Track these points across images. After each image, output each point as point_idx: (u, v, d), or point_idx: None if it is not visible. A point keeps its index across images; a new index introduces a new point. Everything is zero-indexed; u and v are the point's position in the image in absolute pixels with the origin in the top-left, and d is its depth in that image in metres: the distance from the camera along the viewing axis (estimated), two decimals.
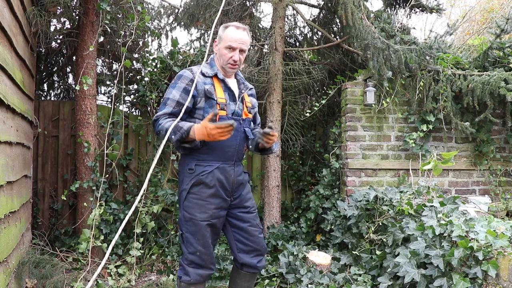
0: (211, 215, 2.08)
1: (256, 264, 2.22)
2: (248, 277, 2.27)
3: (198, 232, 2.07)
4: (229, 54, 2.11)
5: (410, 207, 2.91)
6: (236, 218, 2.20)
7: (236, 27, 2.13)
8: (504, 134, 3.99)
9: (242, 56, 2.14)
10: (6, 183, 2.33)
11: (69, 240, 3.70)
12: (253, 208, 2.26)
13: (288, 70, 4.05)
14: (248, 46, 2.18)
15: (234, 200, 2.19)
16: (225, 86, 2.15)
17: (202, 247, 2.08)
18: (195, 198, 2.08)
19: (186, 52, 4.18)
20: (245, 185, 2.25)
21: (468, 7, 7.26)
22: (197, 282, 2.09)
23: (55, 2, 3.13)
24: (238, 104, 2.16)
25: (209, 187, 2.08)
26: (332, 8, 4.16)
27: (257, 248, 2.22)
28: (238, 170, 2.18)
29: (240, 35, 2.11)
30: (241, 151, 2.18)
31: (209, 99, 2.07)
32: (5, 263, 2.31)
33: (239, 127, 2.12)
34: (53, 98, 4.52)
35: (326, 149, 4.30)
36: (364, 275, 2.88)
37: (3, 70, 2.31)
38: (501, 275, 2.08)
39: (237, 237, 2.21)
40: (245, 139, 2.18)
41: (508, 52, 3.77)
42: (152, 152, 4.07)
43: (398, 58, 3.49)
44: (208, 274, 2.11)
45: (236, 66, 2.15)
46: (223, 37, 2.14)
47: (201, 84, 2.08)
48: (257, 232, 2.23)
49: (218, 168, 2.09)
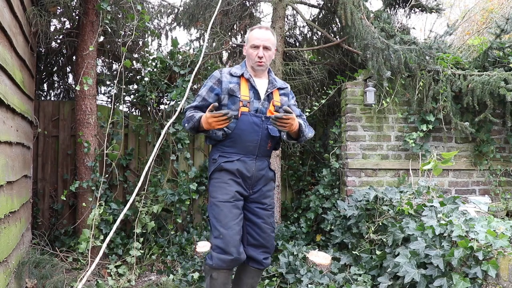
0: (233, 196, 2.16)
1: (262, 259, 2.26)
2: (253, 273, 2.30)
3: (221, 213, 2.14)
4: (254, 52, 2.22)
5: (410, 207, 2.91)
6: (252, 212, 2.26)
7: (259, 27, 2.28)
8: (504, 134, 3.99)
9: (267, 53, 2.23)
10: (6, 183, 2.33)
11: (69, 240, 3.70)
12: (270, 206, 2.31)
13: (288, 70, 4.05)
14: (272, 44, 2.26)
15: (253, 194, 2.26)
16: (250, 85, 2.25)
17: (224, 229, 2.10)
18: (217, 181, 2.20)
19: (186, 52, 4.18)
20: (267, 182, 2.31)
21: (468, 7, 7.26)
22: (219, 268, 2.11)
23: (55, 2, 3.13)
24: (263, 102, 2.24)
25: (230, 173, 2.19)
26: (331, 8, 4.16)
27: (266, 245, 2.27)
28: (260, 165, 2.25)
29: (263, 34, 2.23)
30: (264, 147, 2.24)
31: (232, 96, 2.21)
32: (5, 263, 2.31)
33: (261, 123, 2.20)
34: (53, 98, 4.52)
35: (326, 149, 4.30)
36: (364, 275, 2.88)
37: (3, 70, 2.31)
38: (501, 275, 2.08)
39: (249, 231, 2.26)
40: (268, 136, 2.24)
41: (508, 52, 3.77)
42: (152, 152, 4.07)
43: (398, 58, 3.49)
44: (230, 259, 2.10)
45: (263, 63, 2.23)
46: (248, 38, 2.28)
47: (226, 83, 2.23)
48: (269, 230, 2.28)
49: (239, 160, 2.20)
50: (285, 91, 2.39)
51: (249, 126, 2.19)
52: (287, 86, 2.44)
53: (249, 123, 2.19)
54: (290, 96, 2.43)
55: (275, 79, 2.35)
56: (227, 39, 4.22)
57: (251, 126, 2.19)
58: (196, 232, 3.87)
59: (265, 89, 2.28)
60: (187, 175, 4.01)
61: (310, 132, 2.32)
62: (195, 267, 3.29)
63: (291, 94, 2.46)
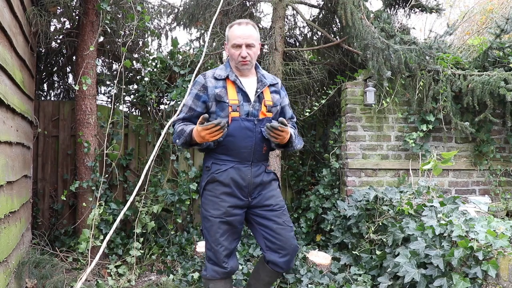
0: (224, 212, 2.07)
1: (282, 263, 2.14)
2: (271, 273, 2.22)
3: (211, 228, 2.09)
4: (237, 52, 2.08)
5: (410, 207, 2.91)
6: (260, 216, 2.16)
7: (238, 23, 2.11)
8: (504, 134, 3.99)
9: (251, 51, 2.09)
10: (6, 183, 2.33)
11: (69, 240, 3.70)
12: (277, 206, 2.17)
13: (288, 70, 4.05)
14: (255, 40, 2.11)
15: (253, 200, 2.15)
16: (238, 87, 2.11)
17: (214, 244, 2.08)
18: (210, 195, 2.11)
19: (186, 52, 4.18)
20: (266, 185, 2.18)
21: (467, 7, 7.26)
22: (214, 278, 2.10)
23: (55, 2, 3.13)
24: (253, 104, 2.10)
25: (223, 185, 2.08)
26: (332, 8, 4.16)
27: (284, 246, 2.13)
28: (256, 171, 2.13)
29: (243, 31, 2.07)
30: (259, 151, 2.12)
31: (220, 102, 2.07)
32: (5, 263, 2.31)
33: (253, 127, 2.08)
34: (53, 98, 4.52)
35: (326, 149, 4.30)
36: (364, 275, 2.88)
37: (3, 70, 2.31)
38: (501, 275, 2.08)
39: (264, 235, 2.15)
40: (263, 140, 2.11)
41: (508, 52, 3.77)
42: (152, 152, 4.07)
43: (398, 58, 3.49)
44: (224, 272, 2.09)
45: (248, 62, 2.09)
46: (228, 36, 2.13)
47: (211, 89, 2.09)
48: (283, 230, 2.14)
49: (233, 167, 2.08)
50: (276, 87, 2.23)
51: (241, 132, 2.06)
52: (277, 81, 2.27)
53: (241, 128, 2.06)
54: (282, 94, 2.28)
55: (263, 75, 2.20)
56: None
57: (243, 131, 2.06)
58: (196, 232, 3.87)
59: (255, 90, 2.13)
60: (187, 175, 4.01)
61: (299, 143, 2.21)
62: (195, 267, 3.29)
63: (283, 90, 2.31)
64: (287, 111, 2.33)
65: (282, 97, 2.28)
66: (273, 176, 2.25)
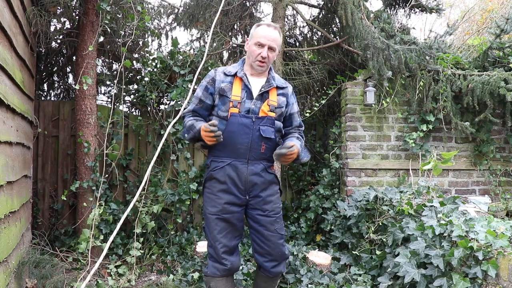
0: (221, 209, 2.11)
1: (270, 268, 2.17)
2: (265, 278, 2.26)
3: (210, 225, 2.13)
4: (258, 51, 2.11)
5: (410, 207, 2.91)
6: (253, 220, 2.18)
7: (267, 25, 2.14)
8: (504, 134, 4.00)
9: (271, 54, 2.12)
10: (6, 183, 2.33)
11: (69, 240, 3.70)
12: (273, 212, 2.17)
13: (288, 70, 4.05)
14: (278, 46, 2.15)
15: (251, 200, 2.16)
16: (244, 84, 2.14)
17: (213, 241, 2.11)
18: (208, 192, 2.17)
19: (186, 52, 4.18)
20: (265, 186, 2.17)
21: (468, 7, 7.26)
22: (214, 275, 2.12)
23: (55, 2, 3.13)
24: (255, 102, 2.12)
25: (220, 183, 2.12)
26: (332, 8, 4.16)
27: (272, 252, 2.16)
28: (254, 169, 2.12)
29: (271, 33, 2.11)
30: (256, 149, 2.11)
31: (223, 96, 2.13)
32: (5, 263, 2.31)
33: (251, 124, 2.09)
34: (53, 98, 4.52)
35: (326, 149, 4.30)
36: (364, 275, 2.88)
37: (3, 70, 2.31)
38: (501, 275, 2.08)
39: (254, 238, 2.20)
40: (261, 138, 2.11)
41: (508, 52, 3.77)
42: (152, 152, 4.07)
43: (398, 58, 3.49)
44: (224, 268, 2.10)
45: (264, 64, 2.13)
46: (253, 34, 2.15)
47: (218, 82, 2.15)
48: (274, 238, 2.16)
49: (230, 165, 2.11)
50: (284, 91, 2.23)
51: (238, 128, 2.08)
52: (287, 86, 2.27)
53: (238, 124, 2.08)
54: (291, 100, 2.27)
55: (274, 77, 2.21)
56: (228, 39, 4.22)
57: (240, 127, 2.08)
58: (196, 232, 3.87)
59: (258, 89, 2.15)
60: (187, 175, 4.01)
61: (306, 156, 2.21)
62: (195, 267, 3.29)
63: (293, 96, 2.30)
64: (295, 119, 2.33)
65: (291, 104, 2.28)
66: (274, 178, 2.23)
